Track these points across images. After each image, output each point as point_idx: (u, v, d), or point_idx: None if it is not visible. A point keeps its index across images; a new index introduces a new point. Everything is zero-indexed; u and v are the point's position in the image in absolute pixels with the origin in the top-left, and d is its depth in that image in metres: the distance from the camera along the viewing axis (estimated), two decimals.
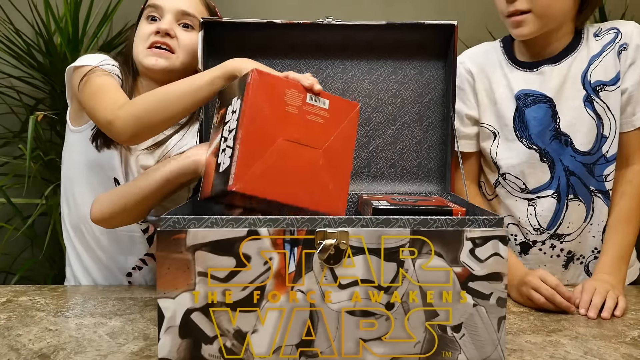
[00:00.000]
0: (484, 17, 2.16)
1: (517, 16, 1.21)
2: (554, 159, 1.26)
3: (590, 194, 1.26)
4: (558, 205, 1.26)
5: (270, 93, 0.92)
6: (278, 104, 0.93)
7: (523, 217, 1.29)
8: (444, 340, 0.84)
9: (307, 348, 0.83)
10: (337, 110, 0.97)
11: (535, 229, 1.29)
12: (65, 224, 1.35)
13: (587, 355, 0.90)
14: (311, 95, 0.95)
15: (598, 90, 1.23)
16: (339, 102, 0.97)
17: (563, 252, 1.29)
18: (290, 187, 0.92)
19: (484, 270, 0.84)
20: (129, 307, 1.10)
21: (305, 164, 0.94)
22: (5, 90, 2.06)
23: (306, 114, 0.95)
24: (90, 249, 1.32)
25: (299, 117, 0.94)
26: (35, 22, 1.99)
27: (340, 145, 0.97)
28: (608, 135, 1.24)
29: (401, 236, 0.83)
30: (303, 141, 0.94)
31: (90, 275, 1.33)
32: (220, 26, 1.19)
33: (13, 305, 1.11)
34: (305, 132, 0.94)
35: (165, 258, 0.82)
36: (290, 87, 0.94)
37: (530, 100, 1.27)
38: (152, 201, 1.11)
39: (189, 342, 0.83)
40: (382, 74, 1.25)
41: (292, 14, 0.93)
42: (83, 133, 1.29)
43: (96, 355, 0.88)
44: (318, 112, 0.95)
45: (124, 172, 1.27)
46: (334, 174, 0.96)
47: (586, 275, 1.30)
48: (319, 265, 0.83)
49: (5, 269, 2.03)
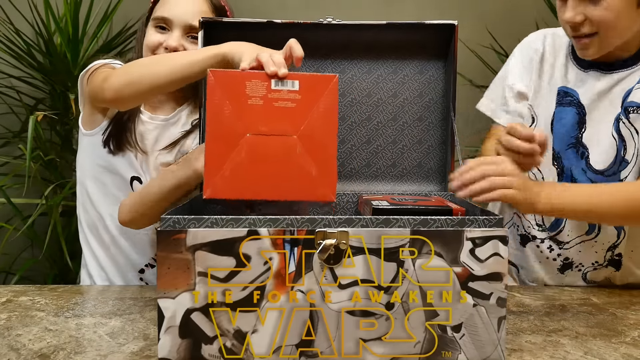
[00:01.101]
0: (484, 17, 2.17)
1: (583, 39, 1.16)
2: (565, 166, 1.23)
3: None
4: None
5: (229, 90, 0.89)
6: (239, 99, 0.89)
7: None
8: (444, 340, 0.84)
9: (307, 348, 0.83)
10: (311, 89, 0.91)
11: (537, 224, 1.27)
12: (82, 226, 1.37)
13: (587, 355, 0.90)
14: (277, 81, 0.91)
15: (630, 112, 1.18)
16: (312, 79, 0.92)
17: (560, 257, 1.27)
18: (266, 182, 0.89)
19: (484, 270, 0.84)
20: (129, 307, 1.10)
21: (279, 155, 0.90)
22: (5, 90, 2.06)
23: (273, 101, 0.90)
24: (106, 248, 1.34)
25: (265, 107, 0.90)
26: (35, 22, 1.99)
27: (320, 125, 0.92)
28: (630, 160, 1.18)
29: (401, 236, 0.83)
30: (273, 131, 0.90)
31: (106, 273, 1.34)
32: (220, 26, 1.18)
33: (13, 305, 1.11)
34: (274, 121, 0.90)
35: (165, 258, 0.82)
36: (252, 78, 0.90)
37: (567, 100, 1.23)
38: (169, 202, 1.14)
39: (189, 342, 0.83)
40: (382, 74, 1.25)
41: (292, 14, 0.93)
42: (95, 137, 1.30)
43: (96, 355, 0.88)
44: (287, 97, 0.91)
45: (144, 171, 1.30)
46: (317, 157, 0.91)
47: (583, 282, 1.28)
48: (319, 265, 0.83)
49: (5, 269, 2.03)
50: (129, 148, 1.29)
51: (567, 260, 1.27)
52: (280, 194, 0.87)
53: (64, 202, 1.96)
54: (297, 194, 0.88)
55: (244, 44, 1.02)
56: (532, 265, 1.30)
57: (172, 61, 1.07)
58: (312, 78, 0.92)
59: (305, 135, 0.91)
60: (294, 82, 0.91)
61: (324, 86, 0.92)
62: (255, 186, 0.89)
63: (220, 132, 0.89)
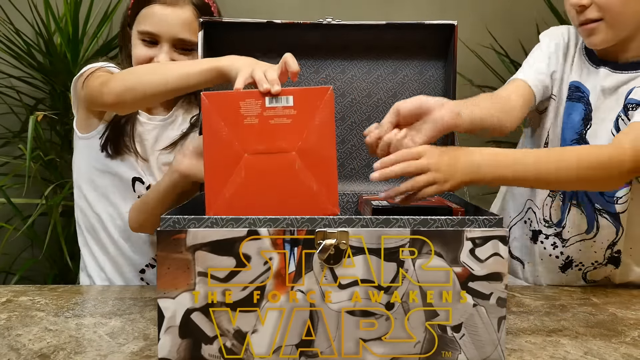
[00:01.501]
0: (484, 17, 2.17)
1: (589, 25, 1.15)
2: None
3: (594, 212, 1.22)
4: (563, 208, 1.25)
5: (224, 112, 0.90)
6: (234, 120, 0.90)
7: (540, 203, 1.27)
8: (444, 340, 0.84)
9: (307, 348, 0.83)
10: (305, 103, 0.91)
11: (545, 219, 1.27)
12: (80, 229, 1.36)
13: (587, 355, 0.90)
14: (270, 98, 0.91)
15: (628, 108, 1.17)
16: (306, 93, 0.92)
17: (562, 255, 1.27)
18: (268, 201, 0.90)
19: (484, 270, 0.84)
20: (129, 307, 1.10)
21: (279, 172, 0.90)
22: (5, 90, 2.06)
23: (269, 119, 0.91)
24: (104, 249, 1.33)
25: (261, 126, 0.90)
26: (35, 22, 1.99)
27: (317, 139, 0.91)
28: None
29: (401, 236, 0.83)
30: (271, 149, 0.90)
31: (105, 274, 1.34)
32: (220, 26, 1.18)
33: (13, 305, 1.11)
34: (271, 139, 0.90)
35: (165, 258, 0.82)
36: (245, 98, 0.91)
37: (577, 95, 1.23)
38: (169, 206, 1.15)
39: (189, 342, 0.83)
40: (382, 74, 1.25)
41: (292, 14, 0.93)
42: (91, 140, 1.30)
43: (96, 355, 0.88)
44: (282, 113, 0.91)
45: (145, 172, 1.30)
46: (317, 172, 0.91)
47: (583, 282, 1.28)
48: (319, 265, 0.83)
49: (5, 269, 2.03)
50: (127, 152, 1.29)
51: (568, 259, 1.27)
52: (283, 211, 0.87)
53: (64, 202, 1.96)
54: (300, 210, 0.87)
55: (242, 59, 1.02)
56: (537, 262, 1.30)
57: (169, 72, 1.08)
58: (306, 92, 0.92)
59: (303, 150, 0.91)
60: (288, 98, 0.91)
61: (319, 99, 0.92)
62: (258, 205, 0.89)
63: (219, 154, 0.90)
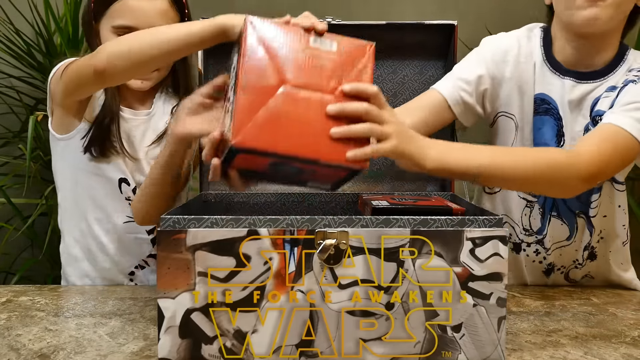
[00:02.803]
0: (484, 17, 2.17)
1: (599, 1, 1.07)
2: None
3: (574, 216, 1.23)
4: (542, 220, 1.25)
5: (267, 39, 0.85)
6: (277, 49, 0.85)
7: (517, 216, 1.27)
8: (444, 340, 0.84)
9: (307, 348, 0.83)
10: (348, 53, 0.87)
11: (525, 229, 1.27)
12: (62, 233, 1.33)
13: (587, 355, 0.90)
14: (315, 38, 0.87)
15: (597, 121, 1.15)
16: (350, 43, 0.88)
17: (545, 261, 1.27)
18: (299, 139, 0.82)
19: (484, 270, 0.84)
20: (129, 307, 1.10)
21: (315, 112, 0.84)
22: (5, 90, 2.06)
23: (311, 57, 0.85)
24: (89, 253, 1.31)
25: (303, 62, 0.85)
26: (35, 22, 1.99)
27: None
28: None
29: (401, 236, 0.83)
30: (311, 87, 0.85)
31: (89, 279, 1.32)
32: None
33: (13, 305, 1.11)
34: (312, 76, 0.85)
35: (166, 258, 0.82)
36: (290, 31, 0.86)
37: (543, 108, 1.20)
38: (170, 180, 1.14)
39: (189, 342, 0.83)
40: (382, 74, 1.25)
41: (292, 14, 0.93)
42: (72, 140, 1.27)
43: (96, 355, 0.88)
44: (325, 55, 0.86)
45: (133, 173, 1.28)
46: (350, 122, 0.85)
47: (566, 282, 1.29)
48: (319, 265, 0.83)
49: (5, 269, 2.03)
50: (115, 154, 1.26)
51: (550, 265, 1.28)
52: (312, 152, 0.81)
53: None
54: (329, 156, 0.82)
55: (239, 16, 0.96)
56: (521, 270, 1.30)
57: (169, 31, 1.02)
58: (350, 42, 0.88)
59: (341, 97, 0.85)
60: (332, 43, 0.87)
61: (361, 53, 0.88)
62: (287, 140, 0.82)
63: (257, 79, 0.83)
